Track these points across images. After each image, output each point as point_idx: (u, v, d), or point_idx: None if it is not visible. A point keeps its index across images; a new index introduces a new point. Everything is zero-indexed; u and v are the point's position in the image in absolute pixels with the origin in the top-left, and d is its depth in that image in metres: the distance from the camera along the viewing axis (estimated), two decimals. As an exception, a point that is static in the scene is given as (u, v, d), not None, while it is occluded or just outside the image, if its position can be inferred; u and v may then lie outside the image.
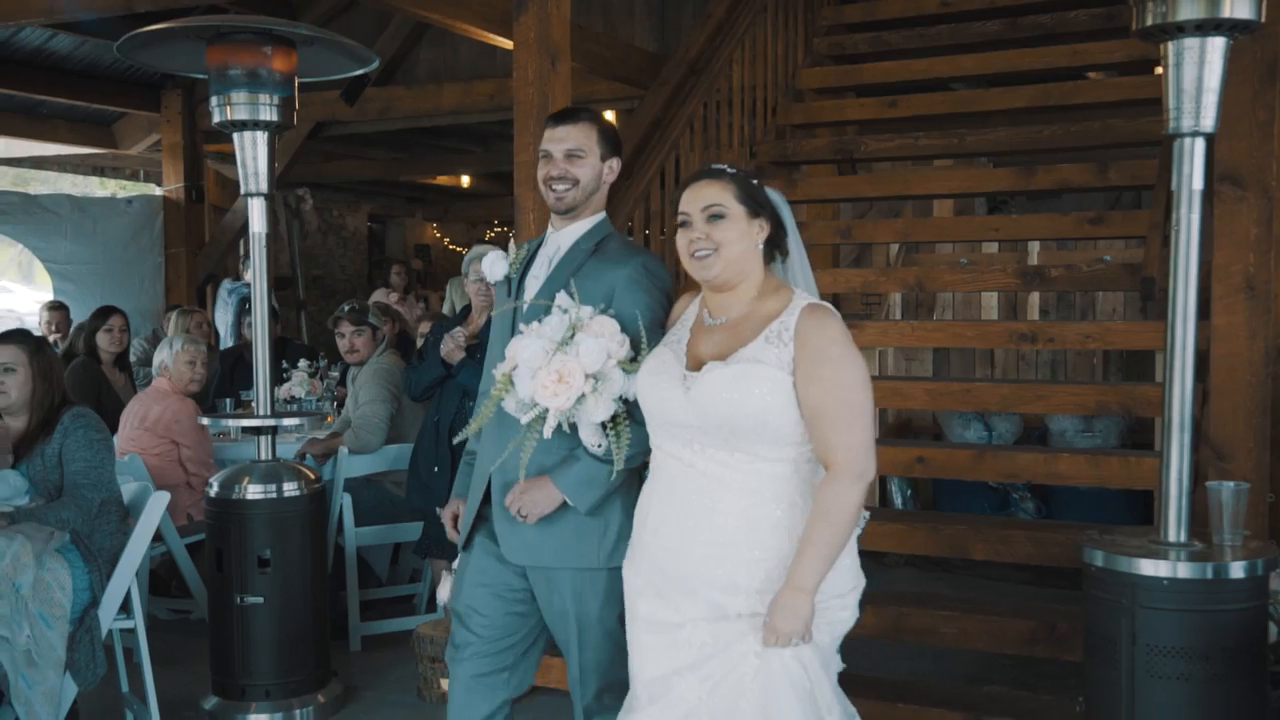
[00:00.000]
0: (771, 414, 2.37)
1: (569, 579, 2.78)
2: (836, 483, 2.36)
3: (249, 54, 4.13)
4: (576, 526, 2.75)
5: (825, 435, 2.37)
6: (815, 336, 2.39)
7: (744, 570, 2.41)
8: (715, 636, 2.43)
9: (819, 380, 2.36)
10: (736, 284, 2.51)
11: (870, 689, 3.96)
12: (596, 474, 2.70)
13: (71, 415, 3.84)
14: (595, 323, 2.64)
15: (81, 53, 8.54)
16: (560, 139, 2.83)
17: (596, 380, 2.59)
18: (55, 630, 3.56)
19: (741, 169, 2.61)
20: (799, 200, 6.42)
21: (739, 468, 2.42)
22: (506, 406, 2.69)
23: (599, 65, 6.87)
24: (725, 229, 2.47)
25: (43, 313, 8.04)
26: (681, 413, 2.45)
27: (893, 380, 5.46)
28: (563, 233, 2.88)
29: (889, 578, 6.15)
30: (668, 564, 2.49)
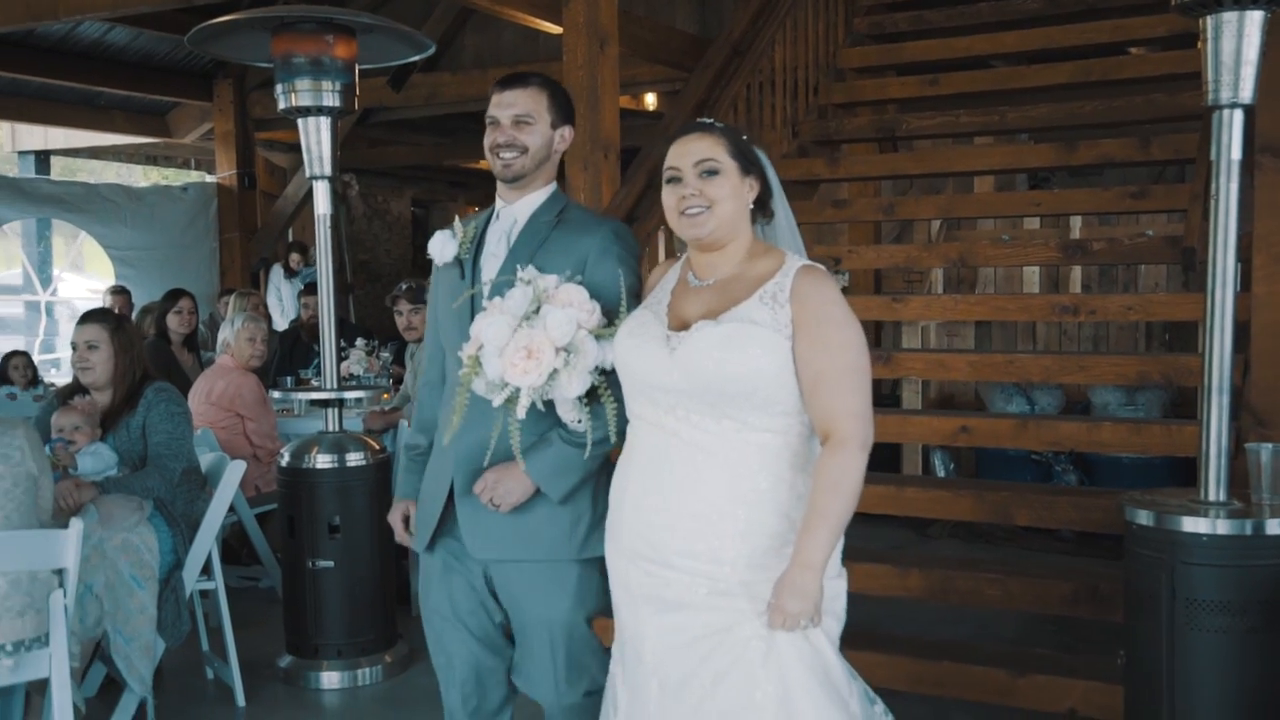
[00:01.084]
0: (764, 378, 2.23)
1: (537, 572, 2.65)
2: (843, 451, 2.21)
3: (312, 42, 4.30)
4: (547, 515, 2.62)
5: (828, 402, 2.23)
6: (815, 298, 2.26)
7: (728, 543, 2.27)
8: (715, 609, 2.28)
9: (822, 343, 2.23)
10: (726, 244, 2.37)
11: (914, 649, 4.09)
12: (570, 459, 2.57)
13: (154, 389, 4.04)
14: (562, 292, 2.49)
15: (138, 44, 8.77)
16: (508, 104, 2.68)
17: (568, 353, 2.44)
18: (146, 590, 3.77)
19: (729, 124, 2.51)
20: (841, 178, 6.55)
21: (725, 436, 2.27)
22: (476, 389, 2.52)
23: (641, 48, 6.99)
24: (719, 185, 2.33)
25: (106, 297, 8.31)
26: (665, 375, 2.29)
27: (935, 353, 5.56)
28: (516, 205, 2.72)
29: (932, 548, 6.27)
30: (652, 538, 2.33)
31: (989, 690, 3.86)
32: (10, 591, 3.19)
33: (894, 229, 8.45)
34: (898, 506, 4.47)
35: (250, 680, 4.29)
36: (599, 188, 4.83)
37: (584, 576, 2.66)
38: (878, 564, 4.21)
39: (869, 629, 4.53)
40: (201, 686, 4.43)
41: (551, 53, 8.30)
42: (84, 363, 4.03)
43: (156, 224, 9.41)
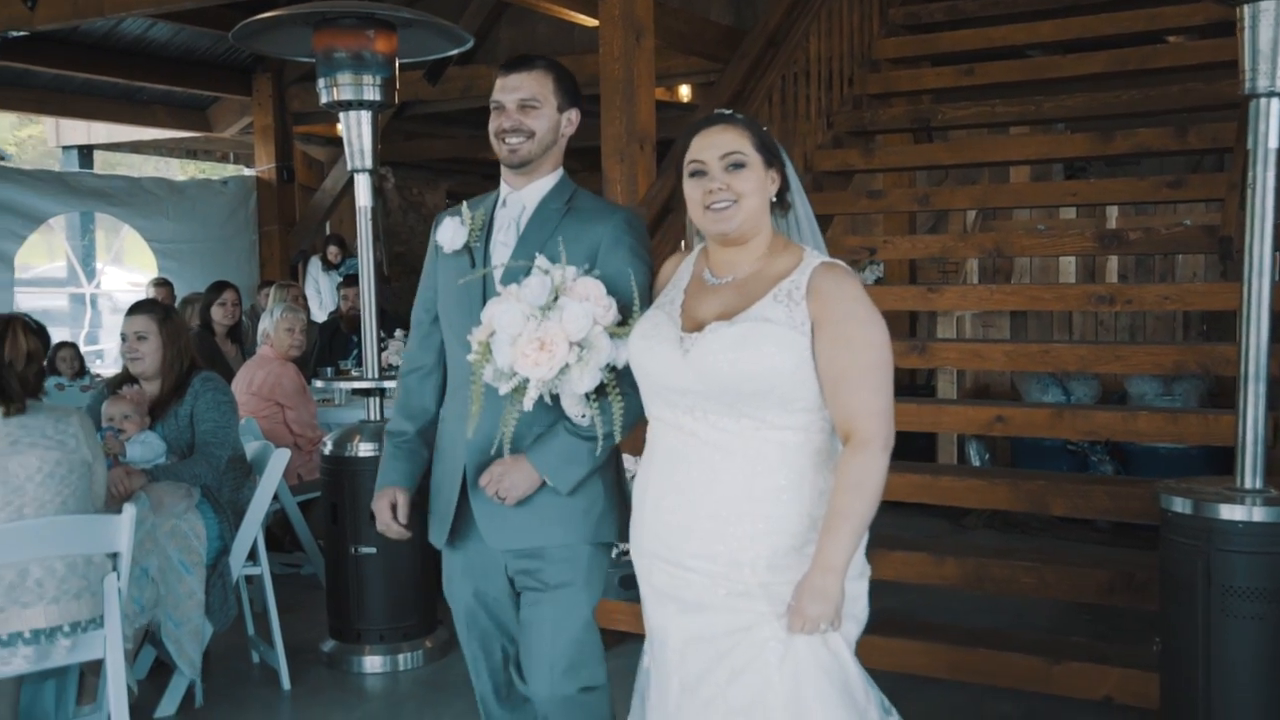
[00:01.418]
0: (781, 375, 2.17)
1: (552, 555, 2.61)
2: (866, 451, 2.14)
3: (353, 37, 4.37)
4: (560, 503, 2.58)
5: (850, 401, 2.16)
6: (837, 295, 2.19)
7: (747, 545, 2.21)
8: (735, 611, 2.24)
9: (845, 342, 2.17)
10: (750, 238, 2.30)
11: (951, 637, 4.12)
12: (577, 451, 2.52)
13: (201, 379, 4.13)
14: (580, 285, 2.42)
15: (179, 40, 8.89)
16: (513, 88, 2.60)
17: (581, 349, 2.38)
18: (194, 575, 3.86)
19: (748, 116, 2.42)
20: (876, 169, 6.56)
21: (744, 435, 2.22)
22: (485, 376, 2.46)
23: (676, 40, 7.02)
24: (745, 179, 2.25)
25: (149, 289, 8.44)
26: (679, 377, 2.24)
27: (970, 342, 5.57)
28: (524, 192, 2.65)
29: (968, 538, 6.28)
30: (670, 540, 2.30)
31: (1025, 678, 3.90)
32: (67, 575, 3.28)
33: (929, 219, 8.44)
34: (933, 495, 4.50)
35: (294, 664, 4.37)
36: (635, 179, 4.88)
37: (594, 560, 2.63)
38: (913, 552, 4.25)
39: (906, 617, 4.57)
40: (247, 670, 4.52)
41: (586, 45, 8.35)
42: (133, 353, 4.12)
43: (197, 217, 9.55)
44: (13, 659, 3.21)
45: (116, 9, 6.26)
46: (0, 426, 3.28)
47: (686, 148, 2.33)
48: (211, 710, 4.09)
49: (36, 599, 3.23)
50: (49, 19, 6.39)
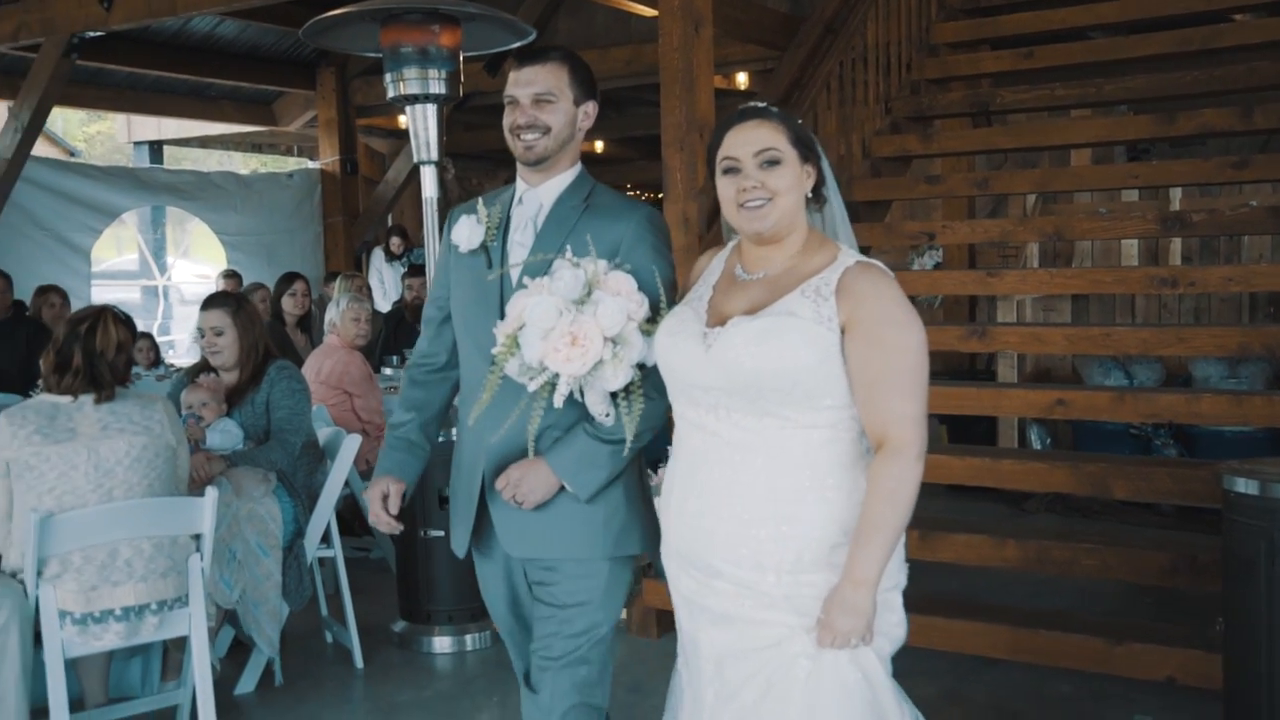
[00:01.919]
0: (804, 371, 2.09)
1: (569, 570, 2.51)
2: (899, 459, 2.07)
3: (419, 32, 4.46)
4: (579, 512, 2.47)
5: (885, 405, 2.09)
6: (872, 296, 2.12)
7: (770, 548, 2.14)
8: (762, 624, 2.17)
9: (881, 343, 2.09)
10: (784, 236, 2.23)
11: (1012, 618, 4.16)
12: (597, 454, 2.42)
13: (276, 368, 4.27)
14: (612, 279, 2.35)
15: (245, 37, 9.09)
16: (527, 82, 2.50)
17: (615, 344, 2.30)
18: (271, 557, 4.00)
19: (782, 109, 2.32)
20: (934, 154, 6.55)
21: (767, 434, 2.15)
22: (509, 370, 2.37)
23: (733, 28, 7.04)
24: (781, 176, 2.18)
25: (218, 281, 8.65)
26: (702, 373, 2.18)
27: (1031, 326, 5.57)
28: (541, 189, 2.56)
29: (1029, 522, 6.28)
30: (695, 545, 2.23)
31: (1087, 658, 3.92)
32: (154, 555, 3.42)
33: (988, 203, 8.41)
34: (994, 479, 4.52)
35: (366, 644, 4.51)
36: (694, 168, 4.93)
37: (614, 576, 2.52)
38: (974, 535, 4.29)
39: (967, 599, 4.61)
40: (321, 649, 4.67)
41: (643, 34, 8.42)
42: (212, 348, 4.26)
43: (264, 210, 9.76)
44: (105, 634, 3.37)
45: (189, 7, 6.43)
46: (92, 413, 3.43)
47: (719, 143, 2.25)
48: (289, 688, 4.24)
49: (126, 577, 3.38)
50: (124, 19, 6.58)
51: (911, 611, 4.18)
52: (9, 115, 7.62)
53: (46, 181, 8.26)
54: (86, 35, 6.93)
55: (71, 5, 6.77)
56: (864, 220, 6.03)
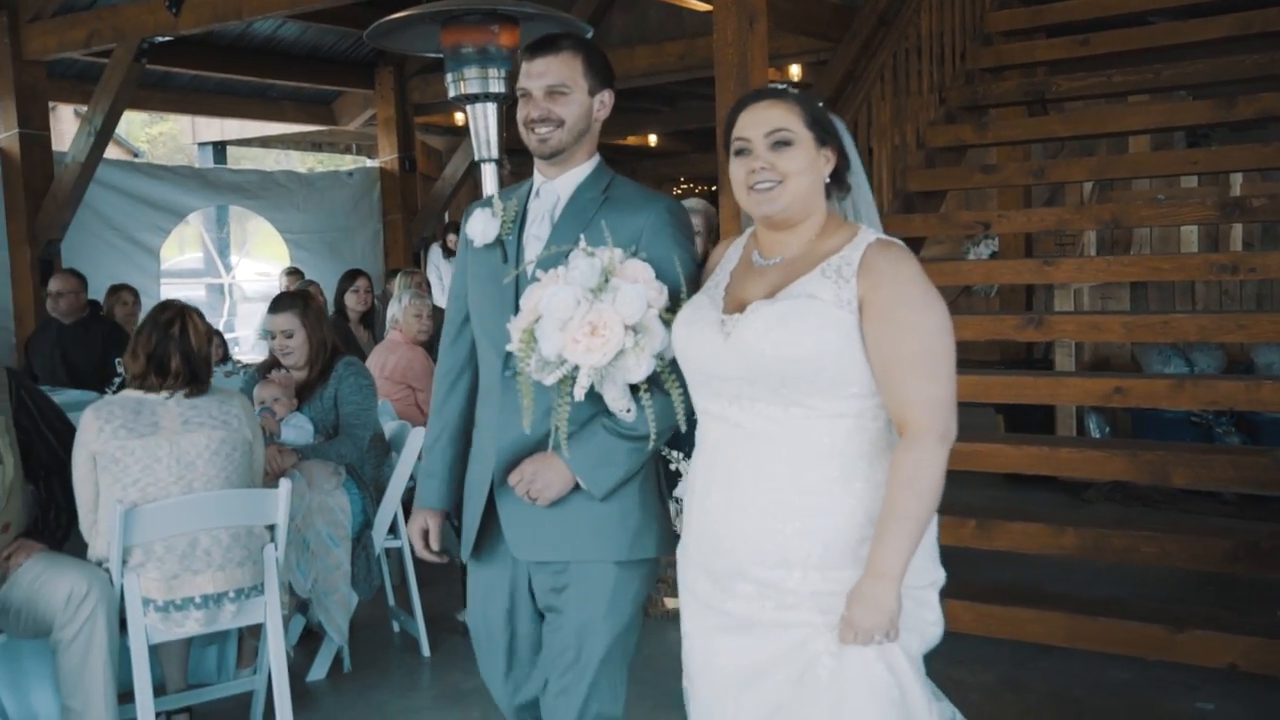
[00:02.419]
0: (828, 357, 2.02)
1: (579, 573, 2.42)
2: (919, 445, 1.99)
3: (479, 33, 4.55)
4: (591, 513, 2.38)
5: (903, 389, 2.01)
6: (890, 274, 2.04)
7: (796, 543, 2.05)
8: (783, 627, 2.08)
9: (896, 324, 2.01)
10: (798, 222, 2.15)
11: (1070, 605, 4.18)
12: (614, 451, 2.34)
13: (344, 364, 4.39)
14: (629, 267, 2.28)
15: (306, 38, 9.27)
16: (539, 73, 2.42)
17: (636, 333, 2.22)
18: (341, 548, 4.13)
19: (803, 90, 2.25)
20: (989, 143, 6.54)
21: (791, 425, 2.06)
22: (527, 368, 2.29)
23: (786, 21, 7.05)
24: (792, 157, 2.10)
25: (281, 278, 8.85)
26: (721, 363, 2.10)
27: (1088, 314, 5.56)
28: (558, 181, 2.48)
29: (1088, 511, 6.27)
30: (718, 542, 2.14)
31: (1147, 645, 3.94)
32: (232, 544, 3.55)
33: (1044, 192, 8.36)
34: (1051, 467, 4.54)
35: (432, 632, 4.62)
36: (750, 161, 4.98)
37: (621, 580, 2.42)
38: (1032, 523, 4.31)
39: (1025, 587, 4.63)
40: (389, 637, 4.79)
41: (697, 28, 8.47)
42: (284, 349, 4.39)
43: (325, 208, 9.94)
44: (185, 621, 3.50)
45: (254, 11, 6.58)
46: (174, 408, 3.57)
47: (733, 124, 2.17)
48: (358, 675, 4.36)
49: (205, 566, 3.51)
50: (191, 24, 6.75)
51: (968, 599, 4.25)
52: (82, 120, 7.85)
53: (117, 183, 8.49)
54: (155, 40, 7.12)
55: (142, 12, 6.96)
56: (919, 211, 6.05)
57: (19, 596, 3.41)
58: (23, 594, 3.41)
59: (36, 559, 3.47)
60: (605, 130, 2.54)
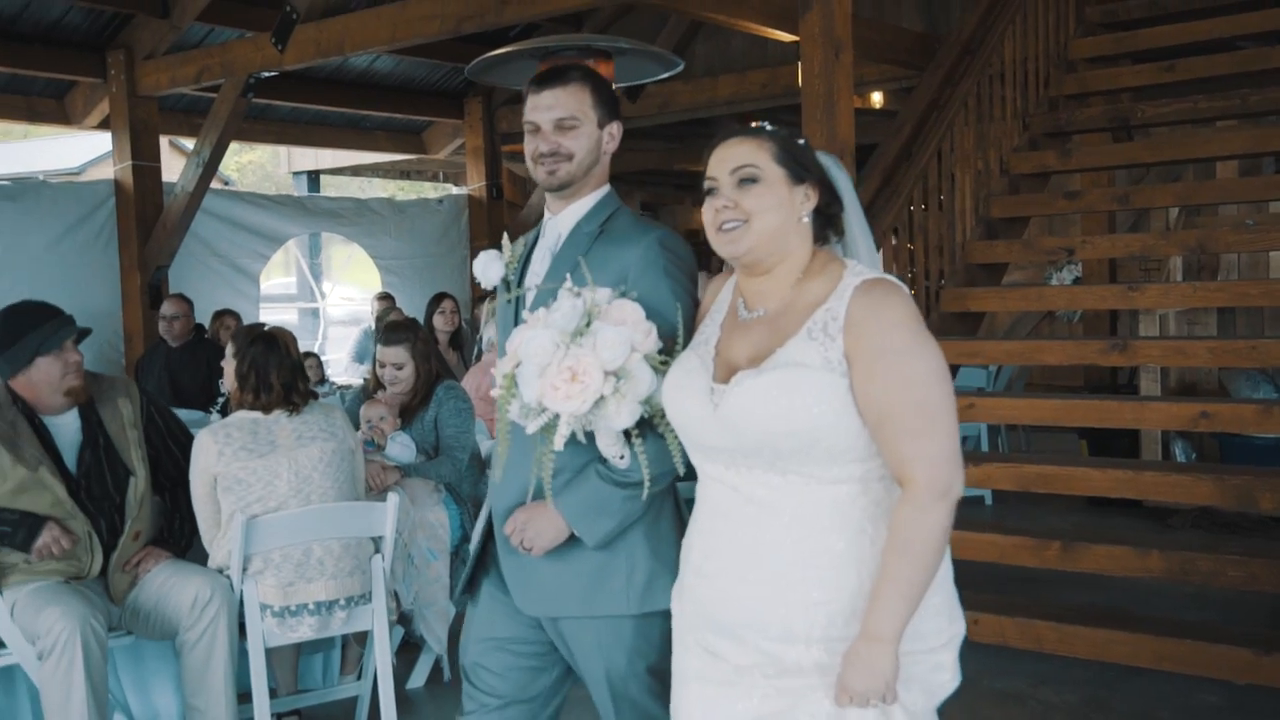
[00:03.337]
0: (821, 430, 1.90)
1: (594, 629, 2.32)
2: (913, 503, 1.88)
3: (574, 68, 4.75)
4: (599, 567, 2.28)
5: (896, 445, 1.90)
6: (873, 321, 1.91)
7: (800, 615, 1.94)
8: (779, 691, 1.98)
9: (881, 377, 1.89)
10: (773, 265, 2.03)
11: (1157, 628, 4.20)
12: (608, 498, 2.24)
13: (444, 388, 4.59)
14: (615, 308, 2.18)
15: (399, 71, 9.59)
16: (547, 106, 2.36)
17: (618, 379, 2.11)
18: (440, 561, 4.31)
19: (783, 128, 2.09)
20: (1073, 169, 6.58)
21: (791, 492, 1.96)
22: (510, 413, 2.21)
23: (869, 50, 7.17)
24: (758, 196, 1.99)
25: (373, 302, 9.13)
26: (711, 434, 2.00)
27: (1173, 340, 5.57)
28: (561, 217, 2.43)
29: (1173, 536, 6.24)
30: (715, 609, 2.03)
31: (1235, 668, 3.95)
32: (343, 554, 3.75)
33: (1129, 218, 8.35)
34: (1136, 490, 4.57)
35: (526, 644, 4.77)
36: (835, 189, 5.09)
37: (640, 628, 2.31)
38: (1117, 545, 4.35)
39: (1109, 608, 4.66)
40: (483, 648, 4.95)
41: (780, 57, 8.61)
42: (393, 380, 4.58)
43: (415, 234, 10.24)
44: (299, 627, 3.70)
45: (356, 46, 6.86)
46: (287, 424, 3.78)
47: (707, 164, 2.07)
48: (456, 684, 4.52)
49: (319, 574, 3.71)
50: (296, 59, 7.05)
51: (1052, 620, 4.29)
52: (191, 151, 8.22)
53: (221, 211, 8.85)
54: (261, 75, 7.45)
55: (249, 48, 7.30)
56: (1002, 236, 6.12)
57: (148, 600, 3.64)
58: (152, 598, 3.63)
59: (164, 565, 3.70)
60: (682, 156, 2.54)
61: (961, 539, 4.68)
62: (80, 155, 25.23)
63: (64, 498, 3.54)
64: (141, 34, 7.83)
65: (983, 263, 5.96)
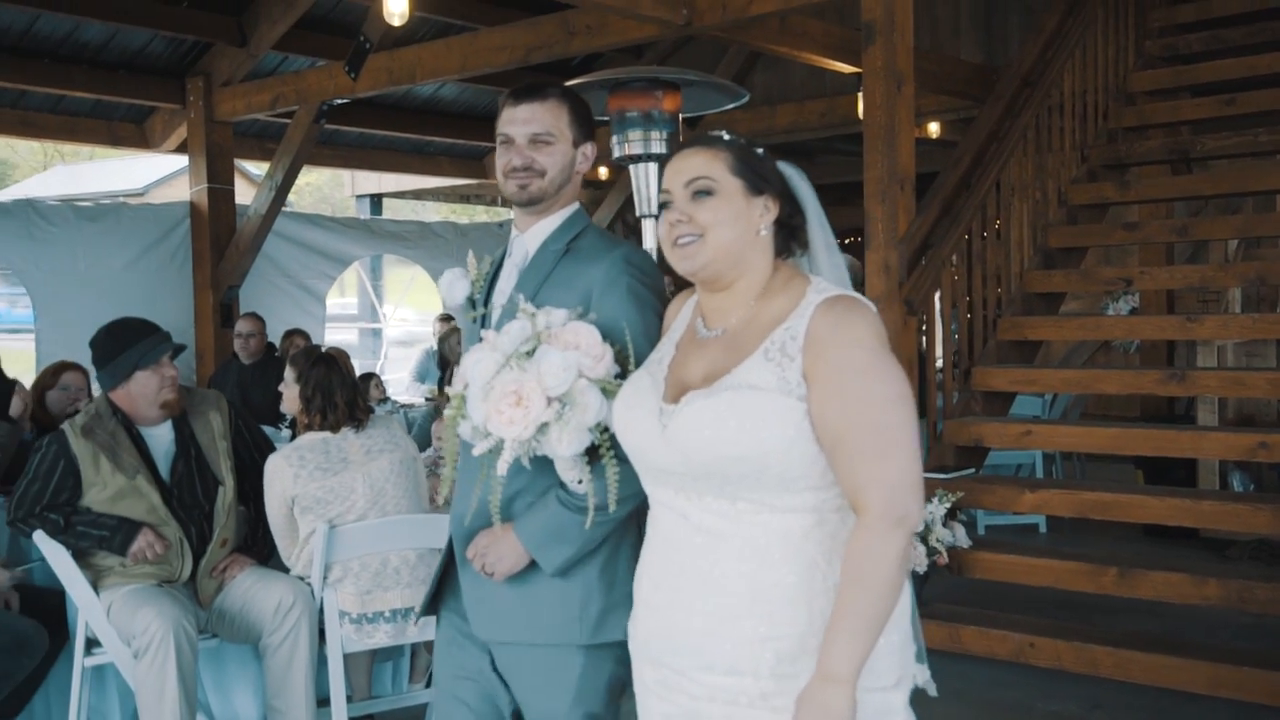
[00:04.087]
0: (773, 455, 1.80)
1: (540, 658, 2.24)
2: (869, 531, 1.76)
3: (644, 99, 4.89)
4: (555, 592, 2.22)
5: (853, 469, 1.78)
6: (833, 339, 1.81)
7: (747, 651, 1.84)
8: (732, 717, 1.88)
9: (841, 395, 1.78)
10: (732, 281, 1.95)
11: (1213, 654, 4.24)
12: (567, 525, 2.16)
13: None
14: (568, 331, 2.10)
15: (463, 98, 9.83)
16: (524, 120, 2.31)
17: (563, 405, 2.04)
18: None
19: (742, 136, 2.00)
20: (1132, 201, 6.64)
21: (742, 521, 1.85)
22: (461, 433, 2.16)
23: (928, 81, 7.28)
24: (713, 208, 1.90)
25: (435, 324, 9.35)
26: (659, 456, 1.90)
27: (1232, 370, 5.60)
28: (528, 234, 2.37)
29: (1231, 565, 6.24)
30: (664, 642, 1.95)
31: (1292, 696, 3.98)
32: (418, 564, 3.90)
33: (1187, 249, 8.36)
34: (1194, 519, 4.62)
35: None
36: (895, 218, 5.20)
37: (589, 666, 2.23)
38: (1174, 572, 4.39)
39: (1165, 635, 4.70)
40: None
41: (838, 87, 8.74)
42: None
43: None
44: (376, 633, 3.85)
45: (427, 76, 7.08)
46: (355, 440, 3.95)
47: (661, 178, 2.00)
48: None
49: (395, 583, 3.86)
50: (368, 87, 7.28)
51: (1109, 645, 4.36)
52: (264, 175, 8.48)
53: (291, 233, 9.10)
54: (334, 102, 7.69)
55: (323, 76, 7.55)
56: (1059, 266, 6.19)
57: (234, 605, 3.80)
58: (237, 602, 3.80)
59: (249, 572, 3.87)
60: None
61: (1017, 563, 4.77)
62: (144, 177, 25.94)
63: (158, 505, 3.72)
64: (220, 61, 8.13)
65: (1040, 292, 6.03)
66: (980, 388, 5.54)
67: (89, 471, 3.68)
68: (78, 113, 8.60)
